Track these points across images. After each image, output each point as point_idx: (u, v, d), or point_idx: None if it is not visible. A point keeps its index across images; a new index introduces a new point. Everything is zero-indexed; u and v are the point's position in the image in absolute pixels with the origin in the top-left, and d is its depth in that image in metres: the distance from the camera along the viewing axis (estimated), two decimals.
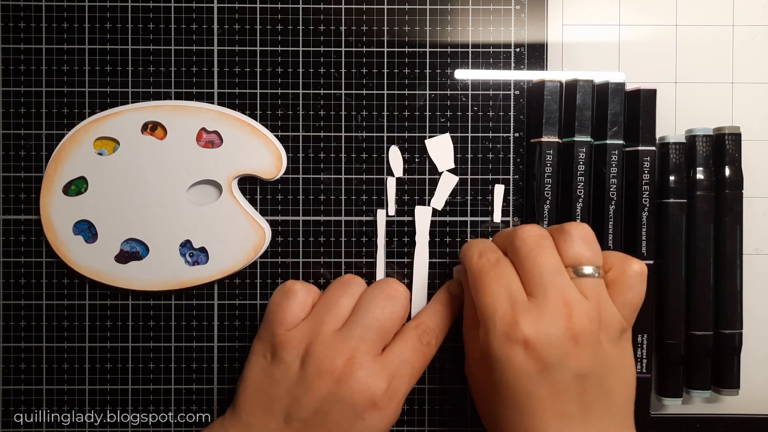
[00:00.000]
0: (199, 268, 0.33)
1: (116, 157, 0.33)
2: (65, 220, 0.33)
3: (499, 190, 0.34)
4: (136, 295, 0.34)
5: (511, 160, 0.34)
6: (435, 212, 0.34)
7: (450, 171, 0.34)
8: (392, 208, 0.34)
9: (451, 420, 0.34)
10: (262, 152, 0.33)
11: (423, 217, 0.34)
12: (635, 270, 0.28)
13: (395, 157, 0.34)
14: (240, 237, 0.33)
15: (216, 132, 0.33)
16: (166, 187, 0.33)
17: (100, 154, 0.33)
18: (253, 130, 0.33)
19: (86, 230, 0.33)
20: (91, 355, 0.34)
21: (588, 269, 0.27)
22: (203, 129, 0.33)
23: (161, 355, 0.34)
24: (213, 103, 0.34)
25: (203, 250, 0.33)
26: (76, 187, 0.33)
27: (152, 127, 0.33)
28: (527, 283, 0.27)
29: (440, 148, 0.34)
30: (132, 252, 0.33)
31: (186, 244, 0.33)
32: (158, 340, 0.34)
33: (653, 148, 0.32)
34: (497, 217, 0.34)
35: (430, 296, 0.34)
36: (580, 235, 0.28)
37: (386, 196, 0.34)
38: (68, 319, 0.34)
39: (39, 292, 0.34)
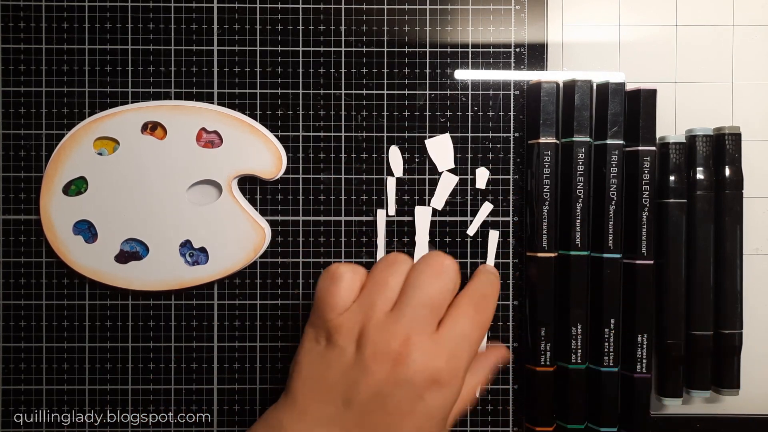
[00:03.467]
0: (199, 268, 0.33)
1: (116, 157, 0.33)
2: (65, 220, 0.33)
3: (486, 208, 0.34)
4: (136, 295, 0.34)
5: (511, 160, 0.34)
6: (435, 212, 0.34)
7: (450, 171, 0.34)
8: (392, 208, 0.34)
9: None
10: (262, 152, 0.33)
11: (423, 217, 0.34)
12: None
13: (395, 157, 0.34)
14: (240, 237, 0.33)
15: (216, 132, 0.33)
16: (166, 187, 0.33)
17: (100, 154, 0.33)
18: (253, 130, 0.33)
19: (86, 230, 0.33)
20: (91, 355, 0.34)
21: None
22: (203, 129, 0.33)
23: (161, 355, 0.34)
24: (213, 103, 0.34)
25: (203, 250, 0.33)
26: (76, 187, 0.33)
27: (152, 127, 0.33)
28: None
29: (440, 148, 0.34)
30: (132, 252, 0.33)
31: (186, 244, 0.33)
32: (158, 340, 0.34)
33: (653, 148, 0.32)
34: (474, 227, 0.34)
35: None
36: None
37: (386, 196, 0.34)
38: (68, 319, 0.34)
39: (39, 292, 0.34)
